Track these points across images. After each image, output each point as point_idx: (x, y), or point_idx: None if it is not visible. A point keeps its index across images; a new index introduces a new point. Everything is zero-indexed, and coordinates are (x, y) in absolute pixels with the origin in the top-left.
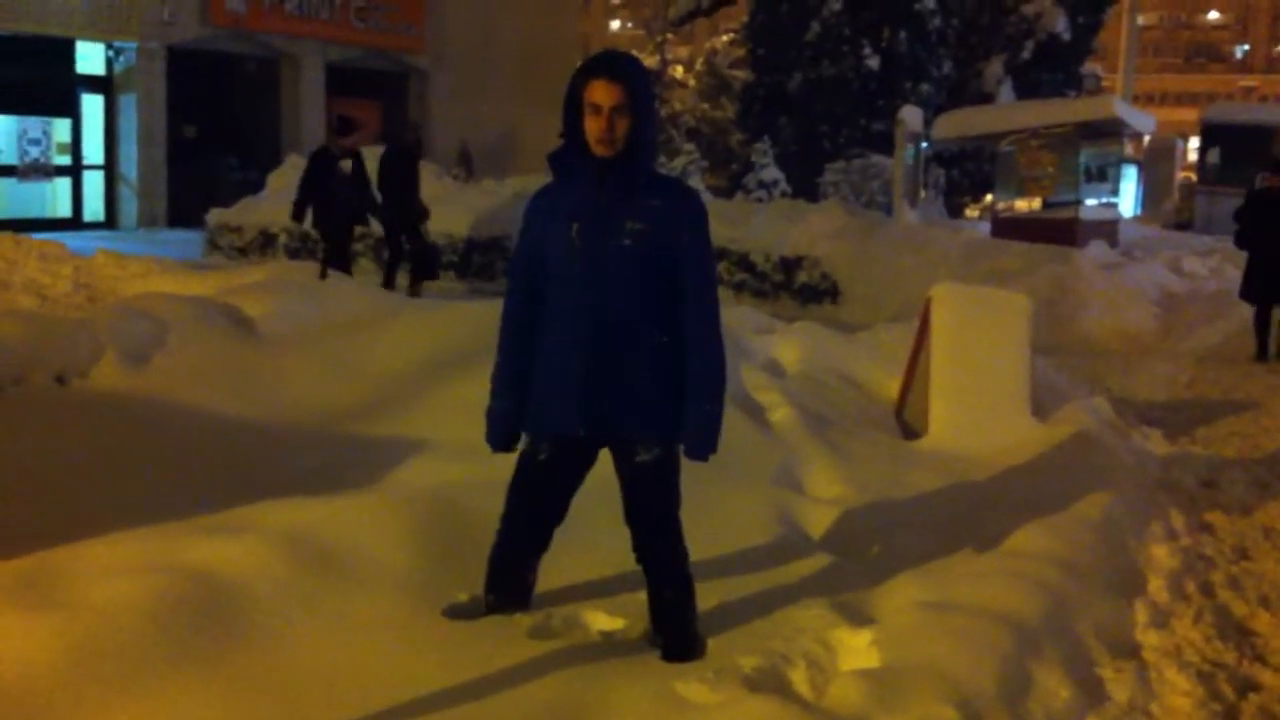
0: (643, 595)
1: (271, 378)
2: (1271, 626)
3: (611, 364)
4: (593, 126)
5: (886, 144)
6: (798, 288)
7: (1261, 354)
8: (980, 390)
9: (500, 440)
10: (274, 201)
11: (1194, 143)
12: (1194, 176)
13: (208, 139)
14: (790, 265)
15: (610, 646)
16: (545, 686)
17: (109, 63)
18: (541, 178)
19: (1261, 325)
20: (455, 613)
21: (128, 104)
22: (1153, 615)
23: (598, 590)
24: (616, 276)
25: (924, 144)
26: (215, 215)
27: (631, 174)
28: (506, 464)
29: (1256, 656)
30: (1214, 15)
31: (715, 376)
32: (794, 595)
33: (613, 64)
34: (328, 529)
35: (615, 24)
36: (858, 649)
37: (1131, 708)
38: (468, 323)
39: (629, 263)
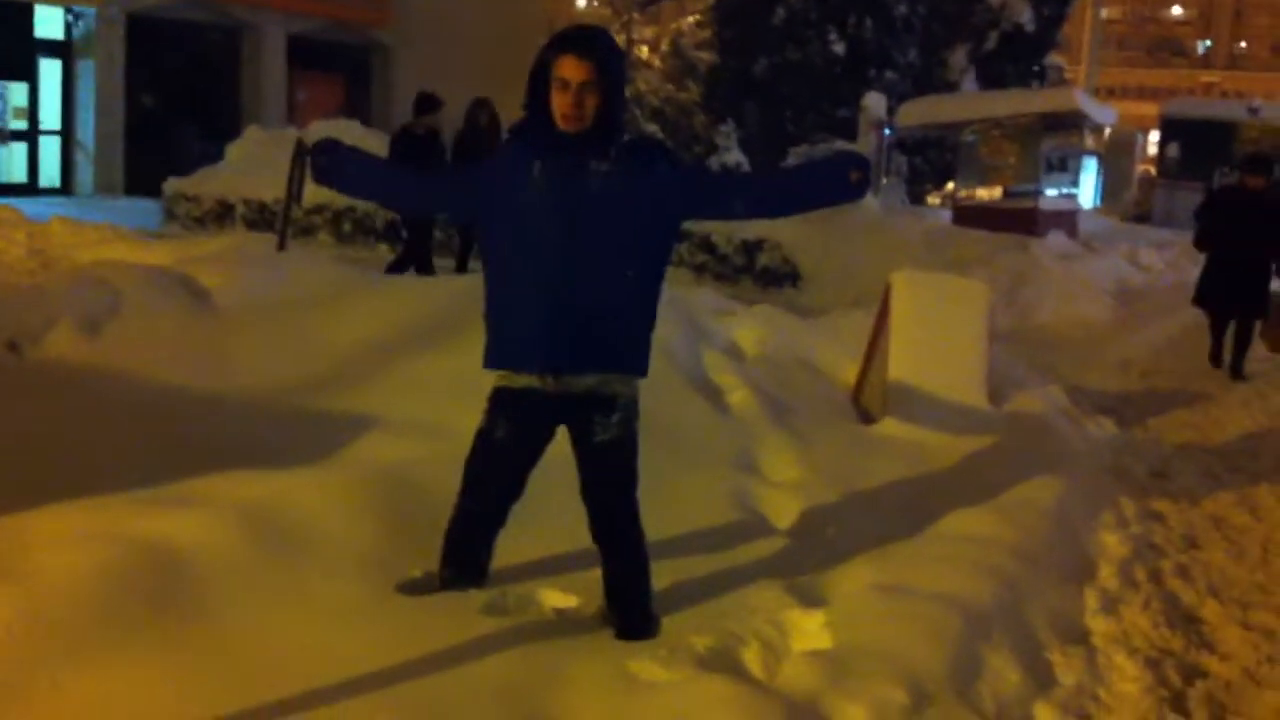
0: (597, 573)
1: (227, 350)
2: (1219, 615)
3: (579, 299)
4: (560, 102)
5: (851, 130)
6: (759, 271)
7: (1215, 358)
8: (937, 376)
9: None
10: (233, 172)
11: (1154, 136)
12: (1153, 170)
13: (167, 108)
14: (752, 248)
15: (564, 624)
16: (498, 664)
17: (68, 27)
18: None
19: (1218, 335)
20: (409, 589)
21: (86, 70)
22: (1102, 602)
23: (552, 568)
24: (581, 208)
25: (887, 131)
26: (173, 184)
27: (599, 150)
28: (464, 440)
29: (1204, 644)
30: (1177, 10)
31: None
32: (749, 576)
33: (583, 40)
34: (282, 503)
35: (582, 2)
36: (811, 630)
37: (1080, 692)
38: (428, 300)
39: (595, 197)
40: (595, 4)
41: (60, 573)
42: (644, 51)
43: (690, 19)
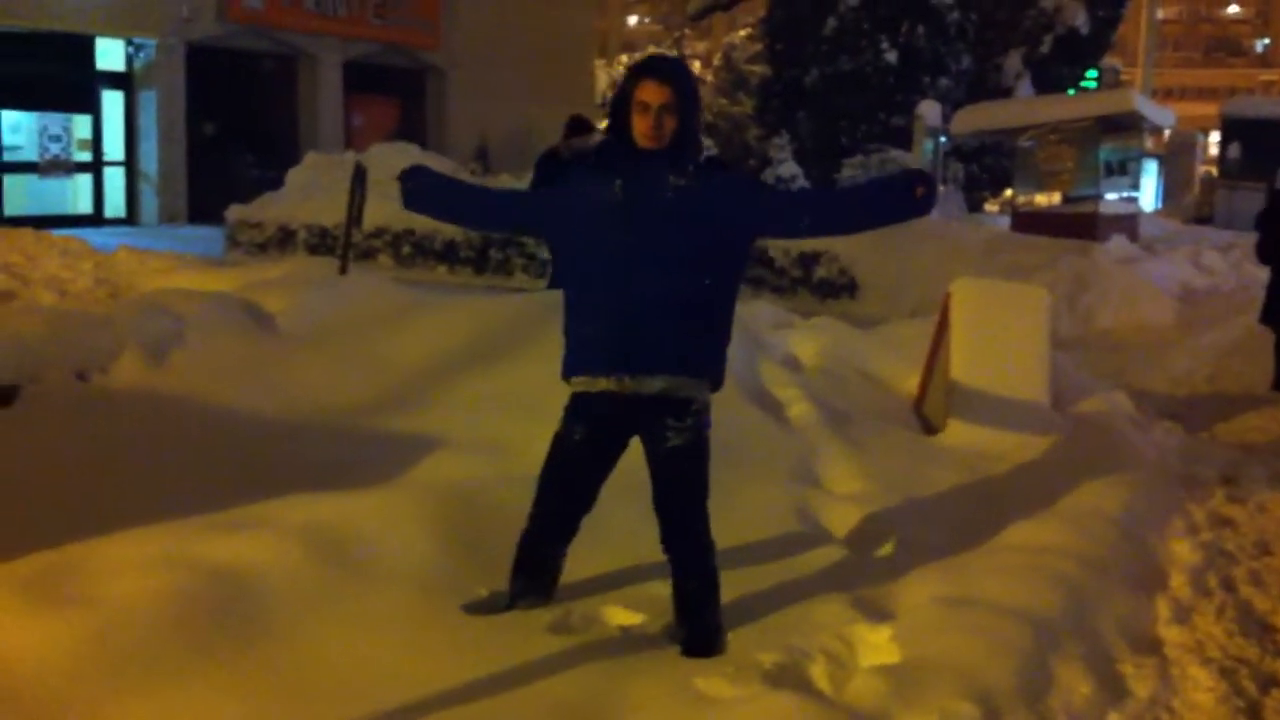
0: (663, 590)
1: (291, 373)
2: None
3: (651, 304)
4: (641, 124)
5: (905, 139)
6: (816, 283)
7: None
8: (1000, 384)
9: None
10: (293, 198)
11: (1214, 137)
12: (1214, 171)
13: (227, 135)
14: (808, 261)
15: (630, 642)
16: (564, 682)
17: (129, 59)
18: None
19: None
20: (475, 608)
21: (148, 100)
22: (1174, 610)
23: (617, 584)
24: (658, 220)
25: (942, 139)
26: (235, 211)
27: (677, 167)
28: (526, 459)
29: (1279, 652)
30: (1234, 9)
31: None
32: (813, 590)
33: (661, 66)
34: (346, 524)
35: (633, 19)
36: (877, 644)
37: (1153, 703)
38: (486, 318)
39: (672, 210)
40: (646, 20)
41: (128, 597)
42: (696, 66)
43: (742, 32)
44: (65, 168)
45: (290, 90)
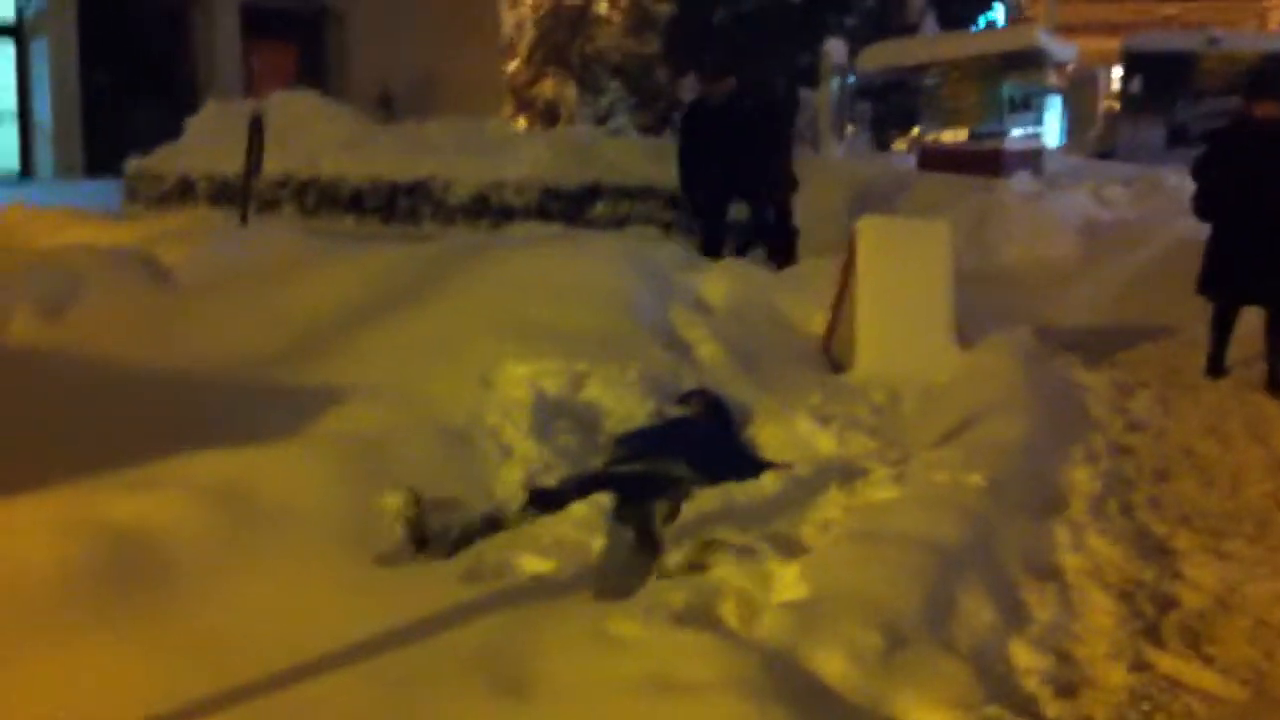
0: (574, 535)
1: (192, 326)
2: (1191, 544)
3: None
4: None
5: (812, 77)
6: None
7: (1215, 367)
8: (905, 321)
9: None
10: (193, 148)
11: (1117, 72)
12: (1116, 106)
13: (123, 85)
14: None
15: (541, 588)
16: (476, 630)
17: (19, 8)
18: (463, 118)
19: (1223, 330)
20: (386, 559)
21: (39, 50)
22: (1074, 537)
23: (529, 533)
24: None
25: (849, 77)
26: (133, 164)
27: None
28: (434, 407)
29: (1176, 575)
30: None
31: None
32: (724, 529)
33: None
34: (253, 478)
35: None
36: (786, 580)
37: (1054, 627)
38: (393, 268)
39: None
40: None
41: (28, 559)
42: (603, 6)
43: None
44: None
45: (187, 37)
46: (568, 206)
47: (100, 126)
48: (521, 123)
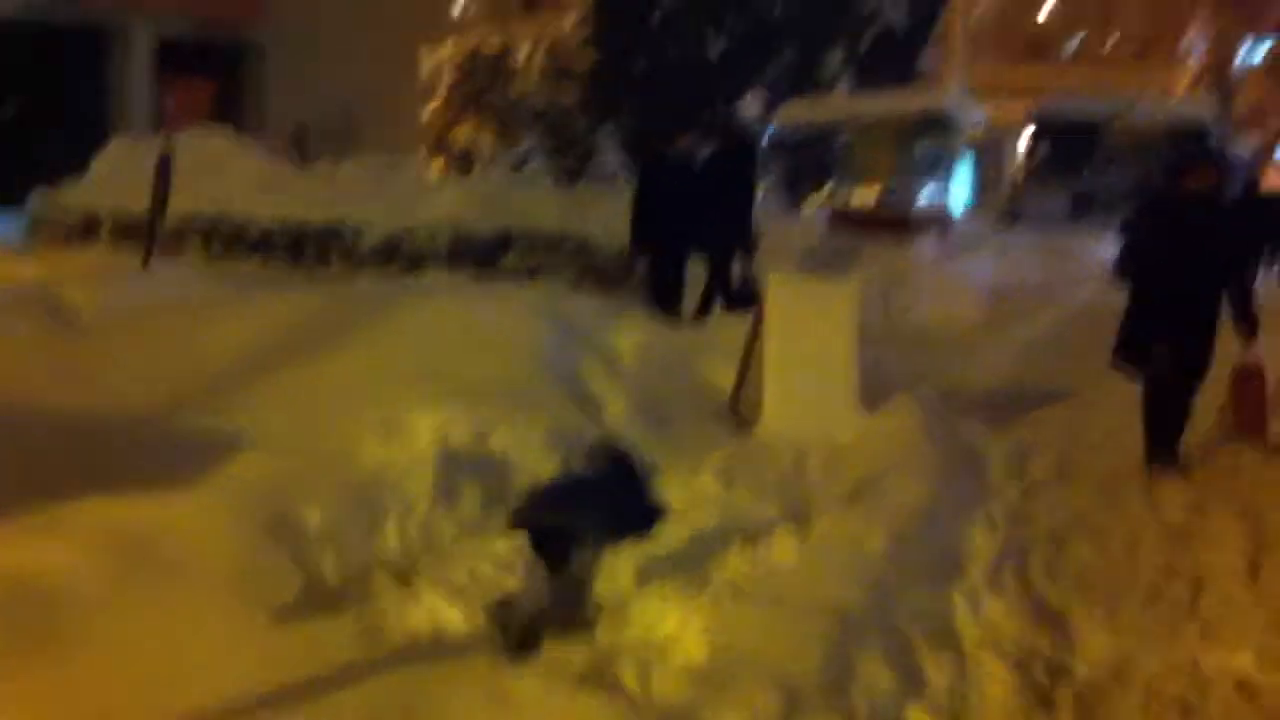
0: (470, 587)
1: (92, 370)
2: (1084, 614)
3: None
4: None
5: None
6: (639, 278)
7: (1161, 452)
8: (811, 381)
9: None
10: (99, 184)
11: (1026, 136)
12: (1022, 170)
13: (31, 117)
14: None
15: (441, 644)
16: (376, 687)
17: None
18: (378, 159)
19: (1164, 415)
20: (283, 612)
21: None
22: (971, 603)
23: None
24: None
25: (768, 130)
26: (38, 198)
27: None
28: (336, 455)
29: (1070, 643)
30: (1046, 10)
31: None
32: (625, 588)
33: None
34: (150, 526)
35: (464, 1)
36: (686, 641)
37: (950, 694)
38: (300, 314)
39: None
40: (473, 8)
41: None
42: (523, 53)
43: (569, 19)
44: None
45: (100, 69)
46: (479, 254)
47: (6, 157)
48: (437, 166)
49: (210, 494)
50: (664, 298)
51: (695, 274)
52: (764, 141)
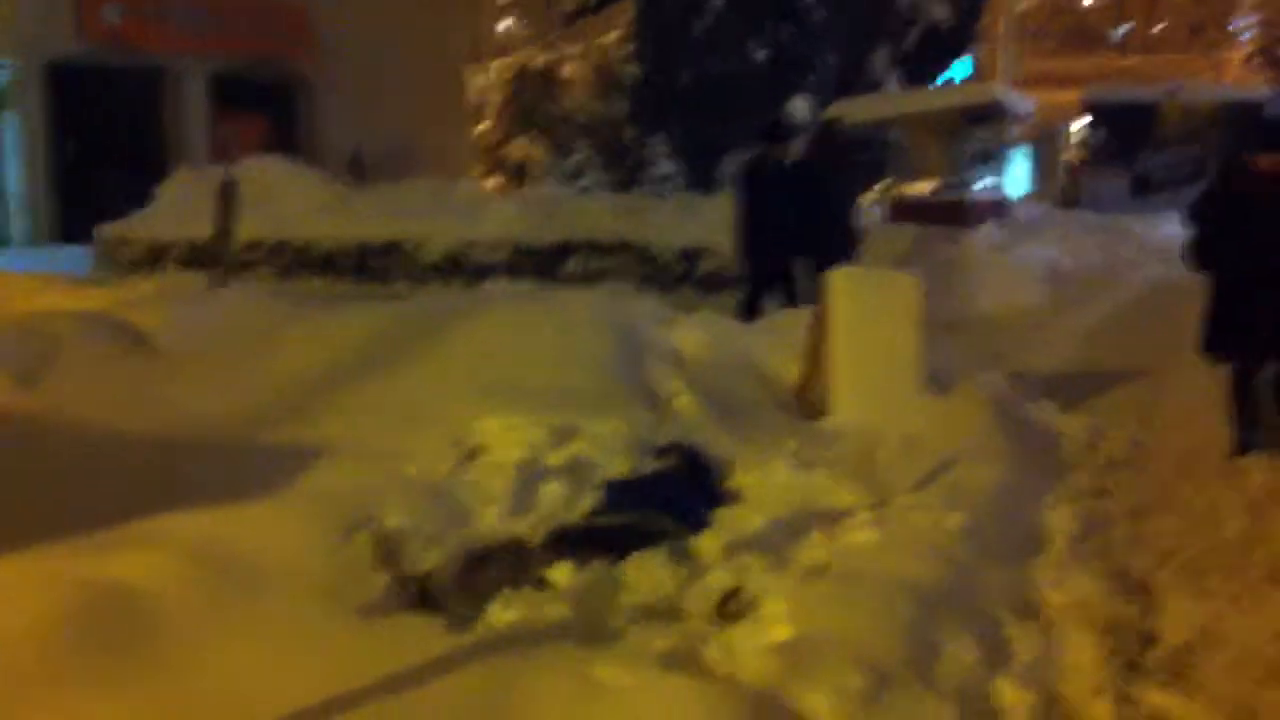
0: (551, 576)
1: (168, 390)
2: (1170, 580)
3: None
4: None
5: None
6: (699, 278)
7: (1248, 443)
8: (879, 369)
9: None
10: (164, 214)
11: (1079, 123)
12: (1077, 157)
13: (93, 154)
14: (691, 256)
15: (524, 635)
16: (463, 681)
17: None
18: (434, 180)
19: (1243, 396)
20: (368, 611)
21: (9, 122)
22: (1054, 576)
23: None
24: None
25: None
26: (105, 230)
27: None
28: (412, 465)
29: (1157, 610)
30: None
31: None
32: (706, 573)
33: None
34: (233, 537)
35: (502, 26)
36: (770, 623)
37: (1037, 664)
38: (368, 329)
39: None
40: (524, 24)
41: (13, 617)
42: (569, 69)
43: (613, 33)
44: None
45: (155, 106)
46: (540, 264)
47: (72, 195)
48: (491, 183)
49: (291, 503)
50: (752, 305)
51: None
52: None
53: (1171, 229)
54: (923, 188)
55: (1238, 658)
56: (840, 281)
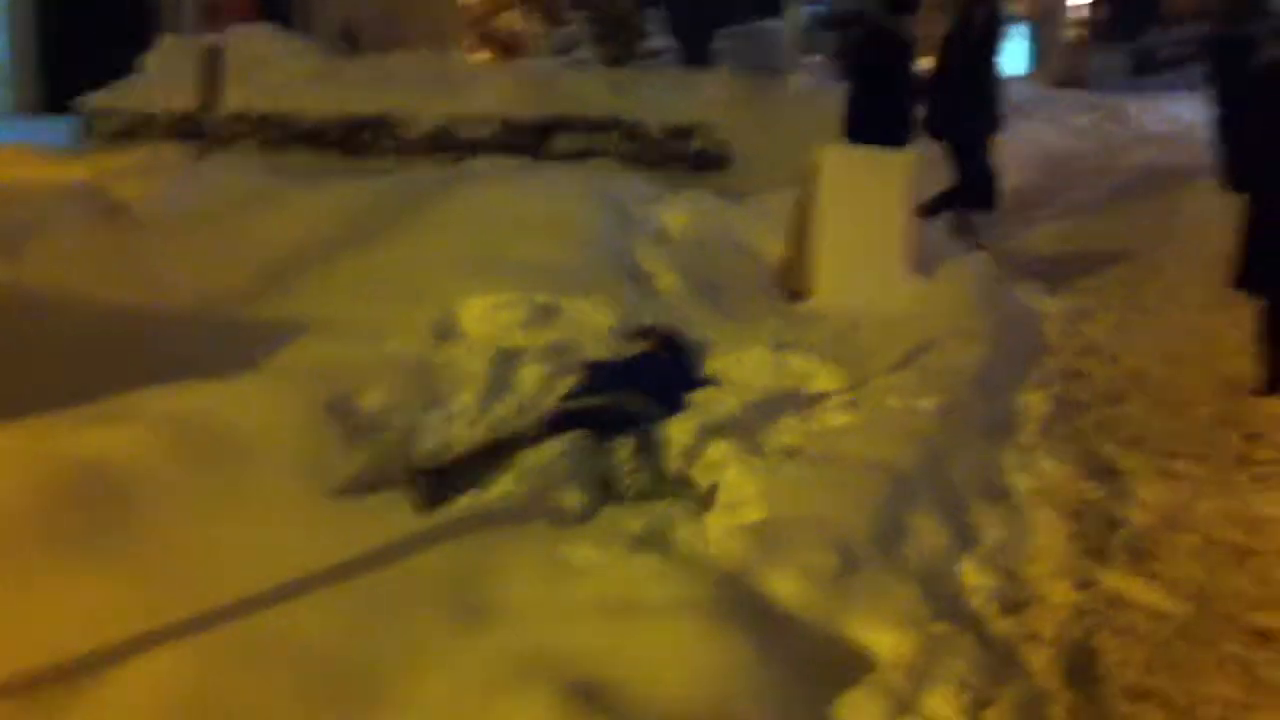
0: (527, 458)
1: (151, 262)
2: (1139, 465)
3: None
4: None
5: (776, 8)
6: (690, 156)
7: (1277, 379)
8: (864, 250)
9: None
10: (150, 83)
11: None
12: (1077, 35)
13: (81, 24)
14: (682, 134)
15: (497, 514)
16: (436, 558)
17: None
18: (425, 53)
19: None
20: (344, 489)
21: None
22: (1024, 459)
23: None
24: None
25: (808, 7)
26: (90, 99)
27: None
28: (395, 339)
29: (1124, 494)
30: None
31: None
32: (679, 456)
33: None
34: (214, 412)
35: None
36: (741, 503)
37: (1003, 547)
38: (353, 203)
39: None
40: None
41: None
42: None
43: None
44: None
45: None
46: (530, 140)
47: (57, 63)
48: (481, 56)
49: (270, 379)
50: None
51: None
52: (809, 16)
53: (1173, 109)
54: (920, 66)
55: (1201, 542)
56: (829, 160)
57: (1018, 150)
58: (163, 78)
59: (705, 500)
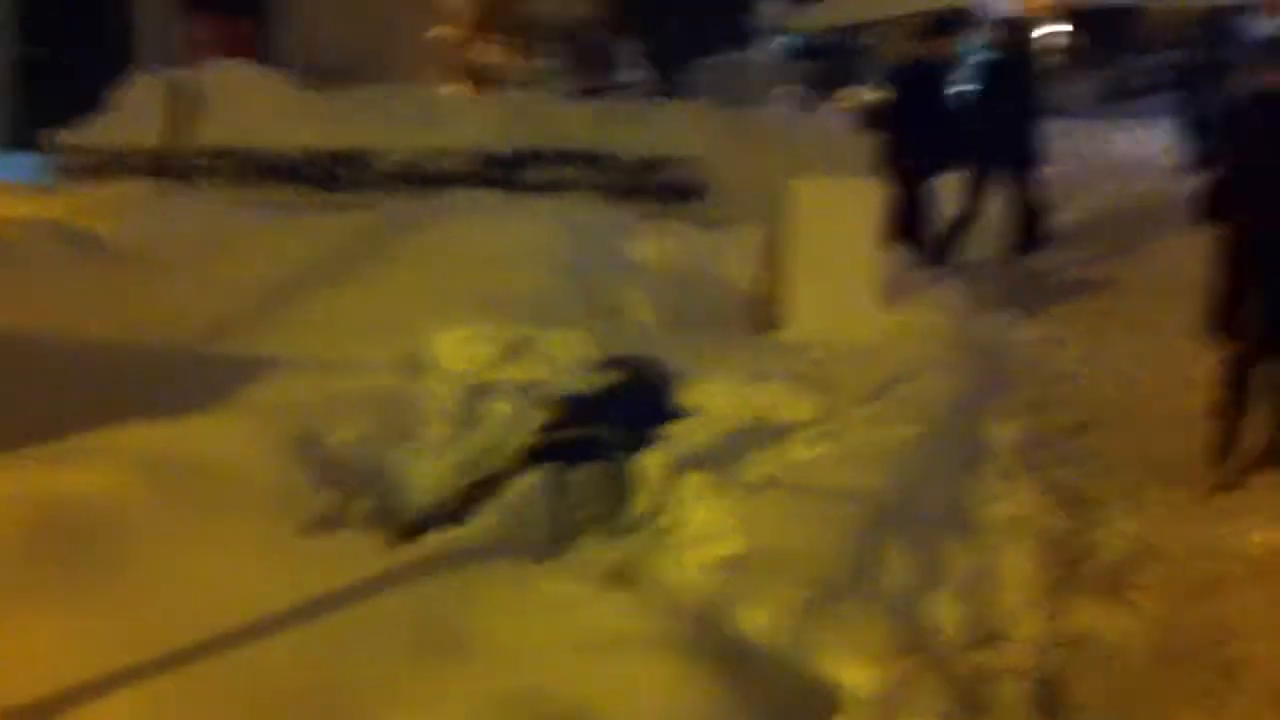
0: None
1: (120, 297)
2: (1110, 494)
3: None
4: None
5: (751, 40)
6: (665, 187)
7: (1226, 444)
8: (837, 281)
9: None
10: (122, 120)
11: (1051, 27)
12: (1055, 59)
13: (54, 58)
14: (657, 165)
15: (470, 552)
16: (409, 594)
17: None
18: (402, 85)
19: (1240, 391)
20: (316, 526)
21: None
22: (996, 489)
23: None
24: None
25: (781, 38)
26: (61, 136)
27: None
28: (365, 377)
29: (1094, 524)
30: None
31: None
32: (654, 489)
33: None
34: (184, 448)
35: None
36: (715, 536)
37: (975, 578)
38: (327, 238)
39: None
40: None
41: None
42: None
43: None
44: None
45: (126, 10)
46: (506, 172)
47: (29, 99)
48: (457, 87)
49: (241, 415)
50: (908, 216)
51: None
52: (782, 47)
53: (1147, 135)
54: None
55: (1171, 573)
56: (801, 191)
57: None
58: (134, 113)
59: (678, 533)
